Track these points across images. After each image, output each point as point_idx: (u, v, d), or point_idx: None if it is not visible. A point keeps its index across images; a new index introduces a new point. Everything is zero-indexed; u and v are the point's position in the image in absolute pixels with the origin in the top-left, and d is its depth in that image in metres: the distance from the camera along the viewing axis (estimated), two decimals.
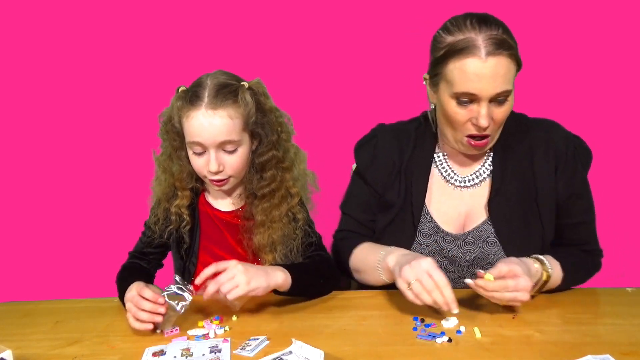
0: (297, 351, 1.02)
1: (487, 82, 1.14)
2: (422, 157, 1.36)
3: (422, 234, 1.34)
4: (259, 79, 1.32)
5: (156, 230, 1.36)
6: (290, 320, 1.19)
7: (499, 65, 1.14)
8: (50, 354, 1.09)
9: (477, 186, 1.33)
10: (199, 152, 1.26)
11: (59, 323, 1.22)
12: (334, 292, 1.33)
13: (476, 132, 1.21)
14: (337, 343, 1.08)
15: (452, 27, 1.18)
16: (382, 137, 1.40)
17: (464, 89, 1.16)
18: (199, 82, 1.26)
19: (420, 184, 1.34)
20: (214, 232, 1.38)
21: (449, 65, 1.17)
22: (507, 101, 1.18)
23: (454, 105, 1.20)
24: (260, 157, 1.31)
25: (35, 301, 1.34)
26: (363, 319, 1.19)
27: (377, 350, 1.06)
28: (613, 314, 1.19)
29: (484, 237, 1.30)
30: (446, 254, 1.33)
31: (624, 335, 1.09)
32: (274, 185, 1.32)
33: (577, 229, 1.32)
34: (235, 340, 1.10)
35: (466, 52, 1.14)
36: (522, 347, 1.05)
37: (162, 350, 1.07)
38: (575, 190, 1.30)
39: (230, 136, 1.24)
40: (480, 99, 1.16)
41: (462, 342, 1.08)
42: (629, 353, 1.02)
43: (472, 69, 1.14)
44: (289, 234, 1.34)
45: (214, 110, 1.22)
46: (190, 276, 1.39)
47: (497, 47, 1.13)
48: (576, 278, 1.29)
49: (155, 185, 1.38)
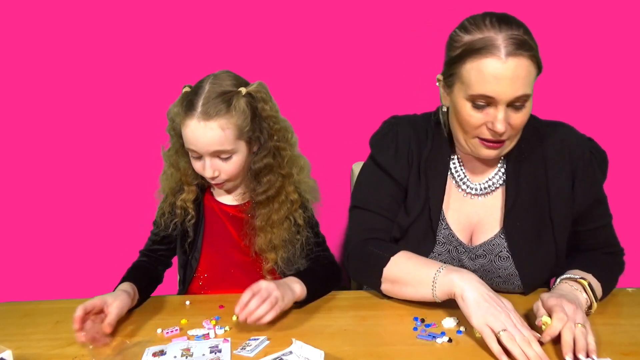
0: (297, 351, 1.02)
1: (506, 84, 1.07)
2: (439, 159, 1.29)
3: (438, 241, 1.27)
4: (261, 82, 1.31)
5: (162, 224, 1.38)
6: (290, 320, 1.19)
7: (520, 67, 1.07)
8: (50, 354, 1.09)
9: (489, 195, 1.27)
10: (196, 156, 1.29)
11: (59, 323, 1.22)
12: (334, 292, 1.33)
13: (491, 137, 1.14)
14: (337, 343, 1.08)
15: (470, 26, 1.11)
16: (401, 129, 1.31)
17: (481, 91, 1.09)
18: (197, 88, 1.26)
19: (438, 187, 1.28)
20: (219, 226, 1.39)
21: (466, 66, 1.10)
22: (525, 106, 1.12)
23: (468, 108, 1.13)
24: (256, 163, 1.32)
25: (35, 301, 1.34)
26: (363, 319, 1.19)
27: (377, 350, 1.06)
28: (613, 314, 1.19)
29: (497, 251, 1.24)
30: (456, 263, 1.27)
31: (624, 335, 1.09)
32: (271, 192, 1.32)
33: (598, 233, 1.29)
34: (235, 340, 1.10)
35: (485, 51, 1.07)
36: None
37: (162, 350, 1.07)
38: (595, 197, 1.25)
39: (223, 146, 1.25)
40: (498, 103, 1.09)
41: (462, 342, 1.08)
42: (629, 353, 1.02)
43: (491, 70, 1.07)
44: (290, 239, 1.35)
45: (206, 121, 1.22)
46: (192, 271, 1.40)
47: (517, 48, 1.07)
48: (611, 285, 1.25)
49: (163, 179, 1.39)
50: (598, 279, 1.19)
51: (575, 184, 1.23)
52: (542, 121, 1.29)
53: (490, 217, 1.27)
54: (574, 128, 1.28)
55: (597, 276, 1.19)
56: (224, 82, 1.27)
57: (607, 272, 1.23)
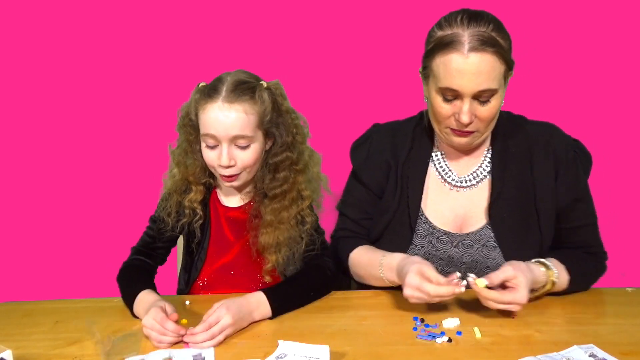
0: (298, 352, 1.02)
1: (468, 78, 1.13)
2: (419, 157, 1.35)
3: (417, 235, 1.33)
4: (278, 80, 1.33)
5: (169, 222, 1.36)
6: (290, 320, 1.19)
7: (482, 63, 1.12)
8: (50, 354, 1.09)
9: (474, 187, 1.32)
10: (212, 145, 1.27)
11: (59, 323, 1.22)
12: (334, 292, 1.33)
13: (457, 127, 1.20)
14: (337, 343, 1.08)
15: (444, 22, 1.17)
16: (377, 138, 1.40)
17: (447, 84, 1.15)
18: (219, 78, 1.28)
19: (417, 186, 1.34)
20: (221, 227, 1.39)
21: (436, 60, 1.17)
22: (490, 101, 1.16)
23: (440, 101, 1.19)
24: (274, 157, 1.32)
25: (35, 301, 1.34)
26: (363, 319, 1.19)
27: (377, 350, 1.06)
28: (613, 314, 1.19)
29: (484, 241, 1.29)
30: (442, 255, 1.32)
31: (624, 335, 1.09)
32: (285, 187, 1.32)
33: (579, 232, 1.31)
34: (236, 340, 1.10)
35: (450, 47, 1.13)
36: (522, 347, 1.05)
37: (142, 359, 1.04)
38: (576, 196, 1.28)
39: (244, 131, 1.24)
40: (463, 96, 1.15)
41: (462, 342, 1.08)
42: (629, 353, 1.02)
43: (454, 64, 1.13)
44: (295, 237, 1.34)
45: (230, 104, 1.23)
46: (197, 271, 1.39)
47: (481, 44, 1.12)
48: (583, 281, 1.28)
49: (169, 178, 1.38)
50: (570, 271, 1.22)
51: (558, 180, 1.27)
52: (530, 121, 1.33)
53: (476, 209, 1.31)
54: (561, 129, 1.32)
55: (570, 268, 1.23)
56: (242, 75, 1.28)
57: (582, 269, 1.26)
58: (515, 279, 1.11)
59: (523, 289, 1.10)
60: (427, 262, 1.17)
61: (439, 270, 1.30)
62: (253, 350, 1.07)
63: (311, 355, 1.01)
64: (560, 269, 1.22)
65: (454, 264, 1.31)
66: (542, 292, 1.20)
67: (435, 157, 1.35)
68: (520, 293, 1.10)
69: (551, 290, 1.21)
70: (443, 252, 1.31)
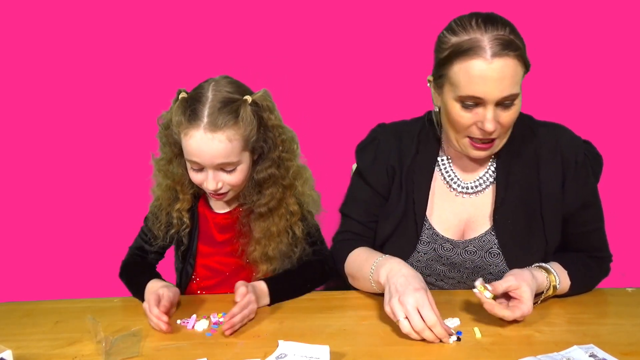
0: (298, 352, 1.02)
1: (493, 84, 1.09)
2: (425, 163, 1.31)
3: (421, 241, 1.30)
4: (266, 90, 1.25)
5: (159, 235, 1.35)
6: (290, 320, 1.19)
7: (506, 67, 1.08)
8: (50, 354, 1.09)
9: (480, 193, 1.28)
10: (197, 168, 1.23)
11: (59, 323, 1.22)
12: (334, 292, 1.33)
13: (481, 136, 1.15)
14: (337, 343, 1.08)
15: (457, 27, 1.13)
16: (384, 139, 1.35)
17: (469, 92, 1.11)
18: (199, 96, 1.19)
19: (423, 192, 1.30)
20: (211, 233, 1.38)
21: (454, 67, 1.12)
22: (514, 105, 1.13)
23: (458, 109, 1.14)
24: (259, 173, 1.27)
25: (35, 301, 1.34)
26: (363, 319, 1.19)
27: (377, 350, 1.06)
28: (613, 314, 1.19)
29: (487, 247, 1.26)
30: (445, 261, 1.29)
31: (624, 335, 1.09)
32: (272, 204, 1.29)
33: (587, 237, 1.29)
34: (236, 340, 1.10)
35: (471, 53, 1.09)
36: (522, 347, 1.05)
37: None
38: (584, 201, 1.25)
39: (229, 158, 1.20)
40: (486, 103, 1.11)
41: (462, 342, 1.08)
42: (629, 353, 1.02)
43: (478, 71, 1.09)
44: (286, 251, 1.33)
45: (213, 133, 1.16)
46: (188, 277, 1.39)
47: (503, 48, 1.08)
48: (584, 286, 1.26)
49: (156, 189, 1.35)
50: (571, 276, 1.21)
51: (566, 184, 1.24)
52: (538, 121, 1.30)
53: (480, 214, 1.28)
54: (570, 130, 1.28)
55: (572, 273, 1.21)
56: (225, 88, 1.21)
57: (584, 274, 1.24)
58: (518, 289, 1.09)
59: (528, 300, 1.08)
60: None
61: (442, 275, 1.31)
62: (253, 350, 1.07)
63: (311, 355, 1.01)
64: (562, 273, 1.20)
65: (457, 268, 1.30)
66: (543, 297, 1.18)
67: (441, 161, 1.31)
68: (526, 304, 1.08)
69: (552, 295, 1.20)
70: (446, 259, 1.29)
